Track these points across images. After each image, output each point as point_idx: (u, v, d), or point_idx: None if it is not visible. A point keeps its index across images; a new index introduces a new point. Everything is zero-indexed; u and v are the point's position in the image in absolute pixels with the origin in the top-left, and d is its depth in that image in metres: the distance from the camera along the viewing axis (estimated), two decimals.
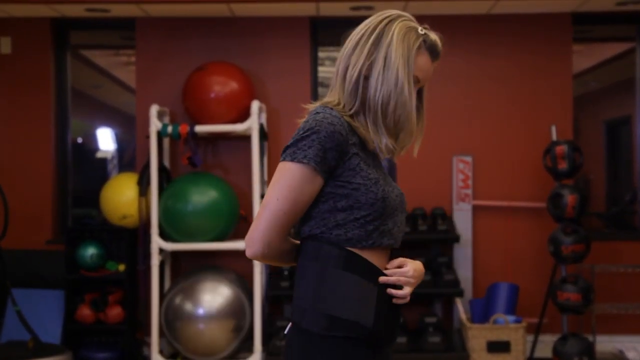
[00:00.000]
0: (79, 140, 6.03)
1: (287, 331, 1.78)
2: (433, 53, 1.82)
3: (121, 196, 5.20)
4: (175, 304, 5.01)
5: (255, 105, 5.06)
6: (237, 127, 5.06)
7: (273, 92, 5.50)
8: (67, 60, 5.72)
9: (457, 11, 5.42)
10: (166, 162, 5.45)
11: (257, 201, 5.06)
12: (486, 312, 5.16)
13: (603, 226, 5.97)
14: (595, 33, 5.95)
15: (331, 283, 1.70)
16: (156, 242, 5.05)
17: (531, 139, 5.49)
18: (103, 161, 6.15)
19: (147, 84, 5.53)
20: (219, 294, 5.01)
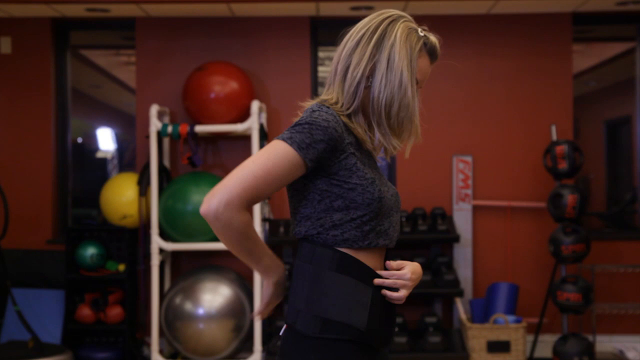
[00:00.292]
0: (79, 140, 6.03)
1: (282, 332, 1.79)
2: (432, 55, 1.83)
3: (121, 196, 5.21)
4: (175, 304, 5.01)
5: (255, 105, 5.06)
6: (237, 127, 5.07)
7: (273, 92, 5.50)
8: (67, 60, 5.72)
9: (457, 11, 5.42)
10: (166, 162, 5.45)
11: None
12: (486, 312, 5.16)
13: (603, 226, 5.97)
14: (595, 33, 5.95)
15: (324, 285, 1.69)
16: (156, 242, 5.05)
17: (531, 139, 5.49)
18: (103, 161, 6.16)
19: (147, 84, 5.53)
20: (219, 294, 5.01)
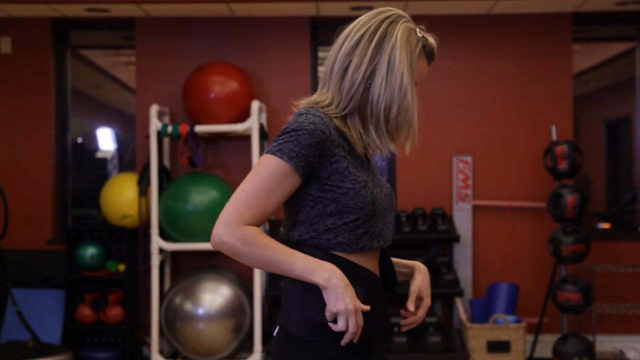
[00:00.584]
0: (79, 140, 6.03)
1: (276, 333, 1.78)
2: (430, 57, 1.82)
3: (121, 196, 5.21)
4: (175, 304, 5.01)
5: (255, 105, 5.06)
6: (237, 127, 5.06)
7: (273, 92, 5.51)
8: (67, 60, 5.72)
9: (457, 11, 5.42)
10: (166, 162, 5.45)
11: None
12: (486, 312, 5.16)
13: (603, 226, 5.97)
14: (595, 33, 5.95)
15: (315, 288, 1.68)
16: (156, 242, 5.05)
17: (531, 139, 5.49)
18: (103, 161, 6.16)
19: (147, 84, 5.53)
20: (219, 294, 5.01)
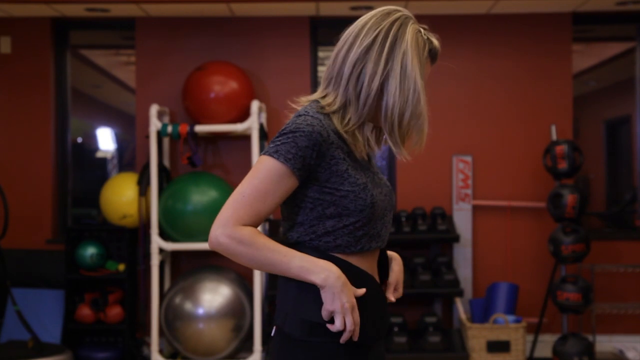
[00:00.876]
0: (79, 140, 6.03)
1: (273, 333, 1.79)
2: (434, 59, 1.82)
3: (121, 196, 5.21)
4: (175, 304, 5.01)
5: (255, 105, 5.06)
6: (237, 127, 5.06)
7: (273, 92, 5.51)
8: (67, 60, 5.72)
9: (457, 11, 5.42)
10: (166, 162, 5.45)
11: None
12: (486, 312, 5.16)
13: (603, 226, 5.97)
14: (595, 33, 5.95)
15: (311, 288, 1.67)
16: (156, 242, 5.05)
17: (531, 139, 5.49)
18: (103, 161, 6.16)
19: (147, 84, 5.53)
20: (219, 294, 5.01)
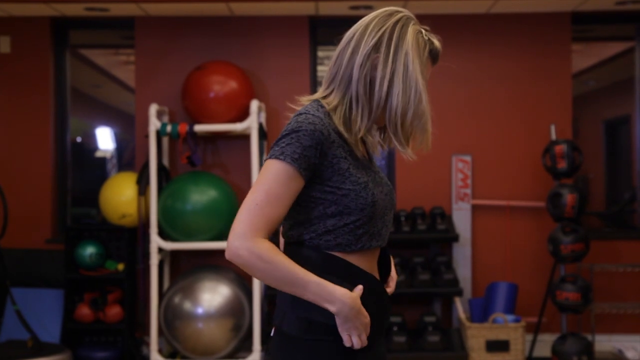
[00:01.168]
0: (78, 139, 6.03)
1: (273, 333, 1.79)
2: (435, 59, 1.82)
3: (120, 195, 5.21)
4: (174, 303, 5.01)
5: (254, 104, 5.06)
6: (237, 127, 5.06)
7: (272, 92, 5.51)
8: (67, 59, 5.72)
9: (457, 10, 5.42)
10: (165, 162, 5.45)
11: None
12: (485, 312, 5.16)
13: (602, 225, 5.97)
14: (594, 32, 5.95)
15: None
16: (155, 242, 5.05)
17: (530, 138, 5.49)
18: (102, 160, 6.16)
19: (147, 83, 5.53)
20: (218, 293, 5.01)
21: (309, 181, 1.70)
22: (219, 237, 5.09)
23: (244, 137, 5.41)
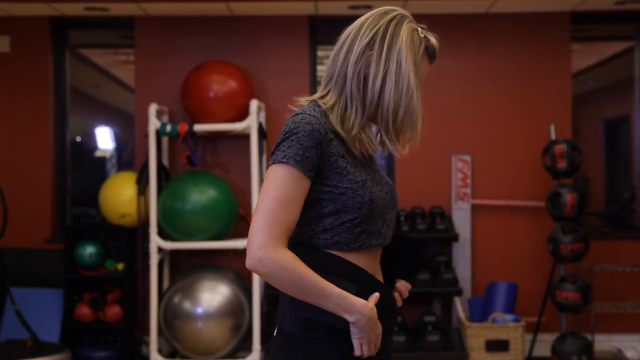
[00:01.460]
0: (78, 139, 6.03)
1: (275, 333, 1.80)
2: (432, 57, 1.83)
3: (120, 195, 5.21)
4: (174, 303, 5.01)
5: (254, 104, 5.06)
6: (236, 126, 5.06)
7: (272, 91, 5.51)
8: (67, 59, 5.72)
9: (456, 10, 5.42)
10: (165, 161, 5.45)
11: (256, 200, 5.05)
12: (485, 312, 5.16)
13: (602, 225, 5.97)
14: (594, 32, 5.95)
15: None
16: (155, 241, 5.05)
17: (530, 138, 5.49)
18: (102, 160, 6.16)
19: (146, 83, 5.53)
20: (218, 293, 5.01)
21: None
22: (219, 237, 5.09)
23: (244, 137, 5.41)
